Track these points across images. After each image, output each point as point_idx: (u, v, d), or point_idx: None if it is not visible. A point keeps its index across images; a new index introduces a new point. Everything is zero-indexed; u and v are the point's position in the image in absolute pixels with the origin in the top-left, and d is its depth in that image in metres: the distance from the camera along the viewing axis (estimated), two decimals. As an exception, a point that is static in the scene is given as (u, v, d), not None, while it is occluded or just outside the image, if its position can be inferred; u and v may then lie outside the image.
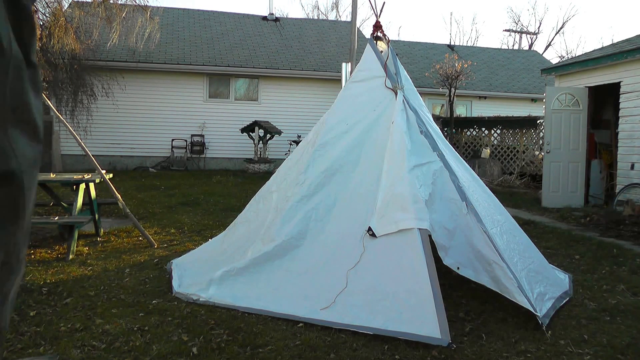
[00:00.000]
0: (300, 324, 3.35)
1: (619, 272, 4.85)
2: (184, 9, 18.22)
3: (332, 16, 36.01)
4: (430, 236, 3.46)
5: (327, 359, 2.93)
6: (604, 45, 12.64)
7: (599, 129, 9.76)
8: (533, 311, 3.32)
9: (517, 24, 36.58)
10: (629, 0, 48.55)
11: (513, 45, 34.25)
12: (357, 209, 3.73)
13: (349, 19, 14.27)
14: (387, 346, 3.05)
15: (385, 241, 3.49)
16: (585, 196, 9.16)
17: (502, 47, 30.24)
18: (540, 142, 12.82)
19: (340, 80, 10.33)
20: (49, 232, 6.12)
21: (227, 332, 3.25)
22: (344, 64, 9.45)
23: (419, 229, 3.36)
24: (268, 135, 13.50)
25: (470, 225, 3.51)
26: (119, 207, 5.68)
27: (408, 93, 4.13)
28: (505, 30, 47.79)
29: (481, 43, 44.19)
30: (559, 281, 4.17)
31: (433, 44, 21.44)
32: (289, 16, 29.41)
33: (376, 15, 4.34)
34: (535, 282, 3.67)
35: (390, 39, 4.42)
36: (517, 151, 13.48)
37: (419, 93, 4.57)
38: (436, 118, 13.66)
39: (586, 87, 9.24)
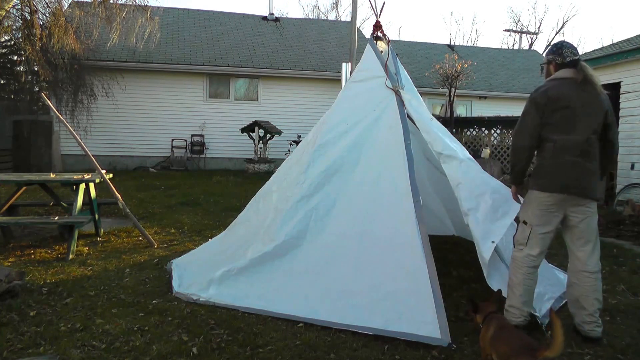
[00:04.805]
0: (300, 324, 3.35)
1: (619, 272, 4.85)
2: (184, 9, 18.22)
3: (332, 16, 36.02)
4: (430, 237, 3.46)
5: (327, 359, 2.93)
6: (604, 45, 12.62)
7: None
8: (532, 312, 3.32)
9: (517, 24, 36.59)
10: (629, 0, 48.59)
11: (513, 45, 34.26)
12: (357, 209, 3.73)
13: (349, 19, 14.26)
14: (387, 346, 3.05)
15: (385, 241, 3.50)
16: (585, 196, 9.14)
17: (502, 47, 30.25)
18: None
19: (340, 80, 10.31)
20: (49, 232, 6.12)
21: (227, 332, 3.25)
22: (344, 64, 9.43)
23: (419, 228, 3.38)
24: (268, 135, 13.49)
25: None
26: (119, 207, 5.69)
27: (408, 93, 4.13)
28: (505, 30, 47.87)
29: (481, 43, 44.21)
30: (559, 281, 4.17)
31: (433, 44, 21.43)
32: (289, 16, 29.43)
33: (376, 15, 4.34)
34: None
35: (390, 39, 4.42)
36: (517, 151, 13.40)
37: (419, 93, 4.57)
38: (436, 118, 13.64)
39: (586, 87, 9.22)
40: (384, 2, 4.37)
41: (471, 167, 3.62)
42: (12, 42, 13.61)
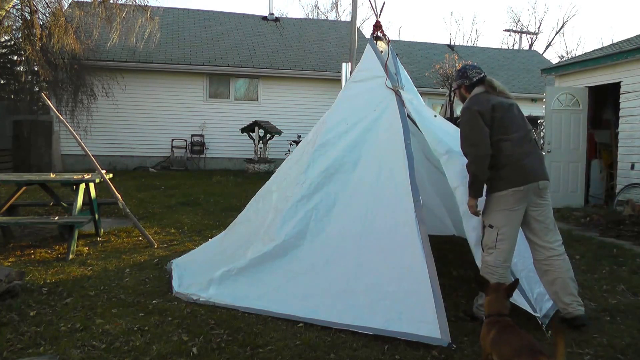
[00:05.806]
0: (300, 324, 3.35)
1: (619, 272, 4.85)
2: (184, 9, 18.21)
3: (332, 16, 36.01)
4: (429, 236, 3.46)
5: (327, 359, 2.93)
6: (604, 45, 12.63)
7: (599, 129, 9.75)
8: (532, 312, 3.32)
9: (517, 24, 36.54)
10: (629, 0, 48.58)
11: (513, 45, 34.23)
12: (356, 209, 3.73)
13: (349, 19, 14.28)
14: (387, 346, 3.05)
15: (385, 241, 3.50)
16: (586, 196, 9.14)
17: (502, 47, 30.24)
18: (541, 142, 12.82)
19: (340, 80, 10.31)
20: (49, 232, 6.12)
21: (227, 332, 3.25)
22: (344, 64, 9.44)
23: (419, 228, 3.39)
24: (268, 135, 13.50)
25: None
26: (119, 207, 5.69)
27: (409, 93, 4.13)
28: (505, 30, 47.86)
29: (481, 43, 44.17)
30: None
31: (433, 44, 21.43)
32: (289, 16, 29.43)
33: (376, 15, 4.34)
34: (535, 282, 3.66)
35: (390, 39, 4.42)
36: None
37: (419, 93, 4.57)
38: (436, 118, 13.59)
39: (586, 87, 9.23)
40: (384, 2, 4.38)
41: None
42: (12, 42, 13.63)
